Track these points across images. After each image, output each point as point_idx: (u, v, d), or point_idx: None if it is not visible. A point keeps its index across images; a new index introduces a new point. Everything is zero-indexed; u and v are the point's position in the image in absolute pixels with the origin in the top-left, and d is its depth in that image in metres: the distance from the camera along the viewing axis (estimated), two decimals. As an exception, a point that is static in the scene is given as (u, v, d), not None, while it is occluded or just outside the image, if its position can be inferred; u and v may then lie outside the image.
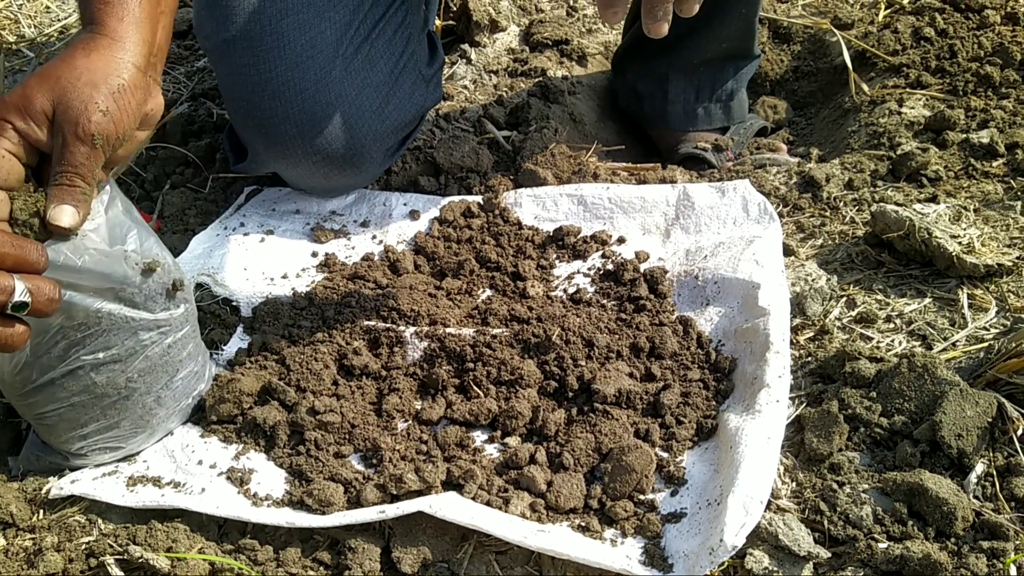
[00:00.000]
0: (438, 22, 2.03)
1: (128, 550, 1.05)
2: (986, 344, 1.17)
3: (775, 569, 0.95)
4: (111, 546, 1.07)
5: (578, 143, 1.80)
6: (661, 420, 1.17)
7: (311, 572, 1.05)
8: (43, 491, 1.16)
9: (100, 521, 1.12)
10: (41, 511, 1.15)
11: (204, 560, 1.04)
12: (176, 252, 1.52)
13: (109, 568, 1.05)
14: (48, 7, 2.27)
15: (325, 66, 1.43)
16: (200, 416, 1.26)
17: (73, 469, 1.19)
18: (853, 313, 1.28)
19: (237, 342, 1.39)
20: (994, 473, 1.00)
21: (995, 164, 1.51)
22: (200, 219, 1.65)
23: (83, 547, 1.08)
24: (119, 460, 1.19)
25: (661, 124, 1.92)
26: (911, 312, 1.26)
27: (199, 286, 1.46)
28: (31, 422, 1.17)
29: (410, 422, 1.23)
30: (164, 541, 1.06)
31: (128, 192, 1.76)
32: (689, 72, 1.84)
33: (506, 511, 1.07)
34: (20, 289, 0.89)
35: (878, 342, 1.22)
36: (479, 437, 1.21)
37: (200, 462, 1.19)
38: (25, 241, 0.92)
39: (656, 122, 1.93)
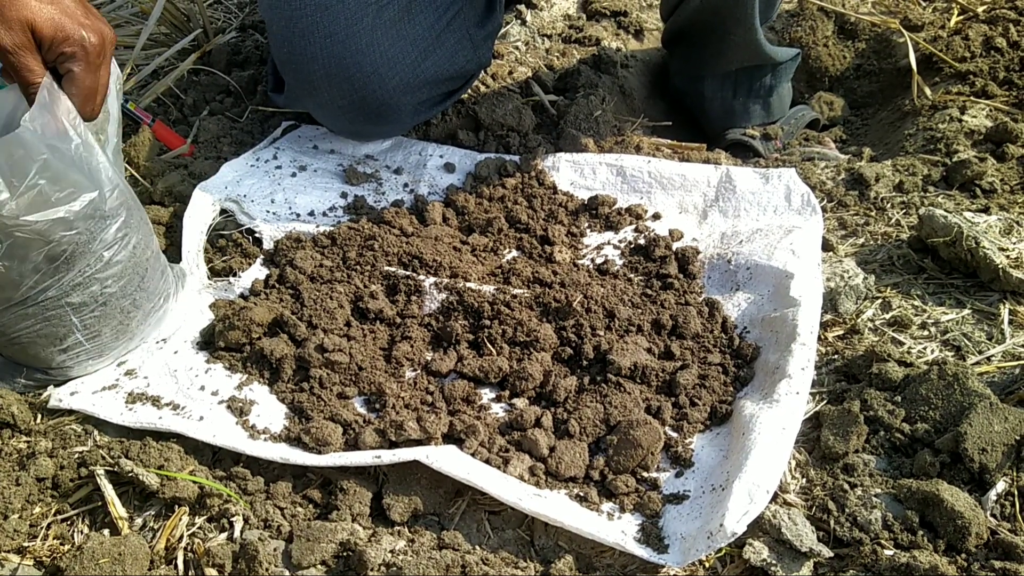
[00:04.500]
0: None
1: (119, 463, 1.03)
2: (1022, 362, 1.12)
3: (773, 562, 0.91)
4: (103, 457, 1.06)
5: (625, 116, 1.76)
6: (675, 399, 1.13)
7: (299, 509, 1.03)
8: (42, 398, 1.15)
9: (96, 432, 1.11)
10: (39, 415, 1.14)
11: (193, 482, 1.02)
12: (205, 178, 1.50)
13: (98, 479, 1.04)
14: None
15: (356, 12, 1.40)
16: (207, 341, 1.25)
17: (56, 384, 1.17)
18: (887, 316, 1.23)
19: (255, 272, 1.37)
20: (1015, 493, 0.96)
21: (1054, 182, 1.45)
22: (234, 148, 1.63)
23: (76, 456, 1.07)
24: (121, 374, 1.18)
25: (702, 120, 1.88)
26: (948, 321, 1.21)
27: (224, 212, 1.44)
28: (0, 346, 1.15)
29: (419, 372, 1.21)
30: (157, 459, 1.05)
31: (166, 114, 1.74)
32: (723, 75, 1.81)
33: (504, 471, 1.04)
34: None
35: (909, 347, 1.18)
36: (486, 395, 1.18)
37: (202, 388, 1.17)
38: None
39: (697, 116, 1.89)
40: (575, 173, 1.53)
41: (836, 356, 1.18)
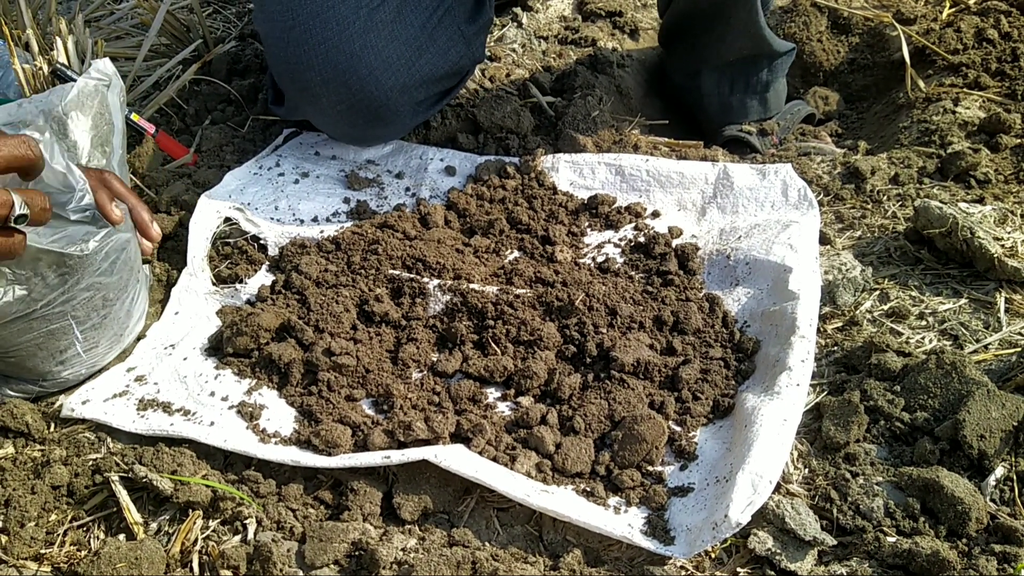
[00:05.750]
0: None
1: (133, 469, 1.05)
2: (1019, 349, 1.13)
3: (778, 551, 0.93)
4: (117, 464, 1.08)
5: (622, 116, 1.78)
6: (678, 394, 1.15)
7: (311, 510, 1.05)
8: (55, 407, 1.17)
9: (109, 440, 1.13)
10: (52, 424, 1.16)
11: (207, 486, 1.04)
12: (209, 186, 1.52)
13: (113, 485, 1.06)
14: None
15: (348, 16, 1.42)
16: (215, 347, 1.26)
17: (44, 394, 1.19)
18: (885, 307, 1.25)
19: (261, 278, 1.39)
20: (1014, 478, 0.97)
21: (1048, 171, 1.46)
22: (237, 156, 1.65)
23: (90, 463, 1.09)
24: (131, 380, 1.20)
25: (699, 116, 1.90)
26: (945, 311, 1.23)
27: (228, 220, 1.46)
28: None
29: (425, 373, 1.22)
30: (170, 464, 1.07)
31: (168, 124, 1.76)
32: (721, 68, 1.82)
33: (512, 468, 1.06)
34: (19, 202, 0.94)
35: (908, 338, 1.20)
36: (492, 394, 1.20)
37: (212, 394, 1.19)
38: (11, 138, 0.95)
39: (695, 113, 1.91)
40: (574, 173, 1.55)
41: (836, 348, 1.20)
